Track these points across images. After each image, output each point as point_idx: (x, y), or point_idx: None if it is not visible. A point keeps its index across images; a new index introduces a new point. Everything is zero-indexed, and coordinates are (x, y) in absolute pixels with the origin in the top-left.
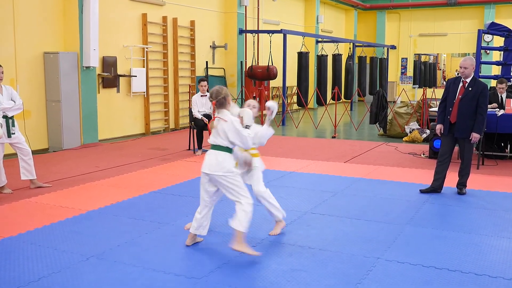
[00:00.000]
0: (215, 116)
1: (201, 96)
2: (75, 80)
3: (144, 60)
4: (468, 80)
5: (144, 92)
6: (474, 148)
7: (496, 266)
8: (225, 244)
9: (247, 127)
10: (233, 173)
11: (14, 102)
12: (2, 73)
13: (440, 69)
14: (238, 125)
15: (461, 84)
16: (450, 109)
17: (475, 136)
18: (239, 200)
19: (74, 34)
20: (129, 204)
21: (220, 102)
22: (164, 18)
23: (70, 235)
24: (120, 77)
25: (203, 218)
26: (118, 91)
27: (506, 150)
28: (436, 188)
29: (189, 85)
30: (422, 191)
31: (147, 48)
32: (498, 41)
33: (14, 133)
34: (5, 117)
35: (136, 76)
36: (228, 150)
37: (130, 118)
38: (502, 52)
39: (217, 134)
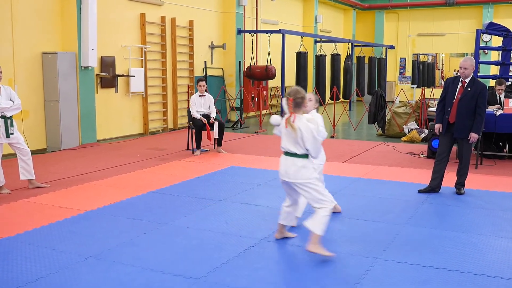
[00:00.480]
0: (291, 114)
1: (200, 96)
2: (73, 80)
3: (142, 60)
4: (467, 80)
5: (143, 92)
6: (473, 148)
7: (495, 266)
8: (223, 245)
9: None
10: (312, 179)
11: (13, 102)
12: (1, 73)
13: (439, 69)
14: (316, 134)
15: (460, 84)
16: (449, 109)
17: (473, 136)
18: (323, 206)
19: (72, 34)
20: (127, 204)
21: (297, 102)
22: (163, 18)
23: (68, 235)
24: (119, 77)
25: (289, 208)
26: (116, 91)
27: (505, 150)
28: (434, 187)
29: (188, 85)
30: (420, 191)
31: (145, 48)
32: (497, 41)
33: (12, 133)
34: (3, 117)
35: (134, 76)
36: (306, 156)
37: (129, 118)
38: (500, 52)
39: (292, 141)
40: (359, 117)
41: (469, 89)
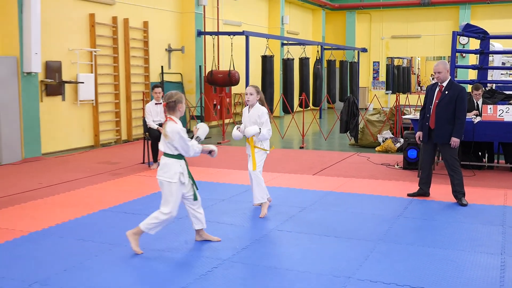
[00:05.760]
0: (166, 118)
1: (156, 104)
2: (14, 88)
3: (92, 65)
4: (444, 84)
5: (93, 100)
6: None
7: (474, 283)
8: (187, 265)
9: (197, 138)
10: (171, 181)
11: None
12: None
13: (415, 74)
14: (183, 133)
15: (437, 89)
16: (428, 115)
17: (454, 140)
18: (161, 208)
19: (13, 37)
20: (76, 224)
21: (169, 106)
22: (114, 19)
23: (10, 260)
24: (66, 84)
25: (191, 215)
26: (63, 99)
27: (484, 160)
28: (424, 192)
29: (143, 92)
30: (409, 195)
31: (95, 51)
32: (474, 43)
33: None
34: None
35: (83, 82)
36: (174, 156)
37: (77, 129)
38: (478, 55)
39: (163, 140)
40: (330, 125)
41: (446, 92)
